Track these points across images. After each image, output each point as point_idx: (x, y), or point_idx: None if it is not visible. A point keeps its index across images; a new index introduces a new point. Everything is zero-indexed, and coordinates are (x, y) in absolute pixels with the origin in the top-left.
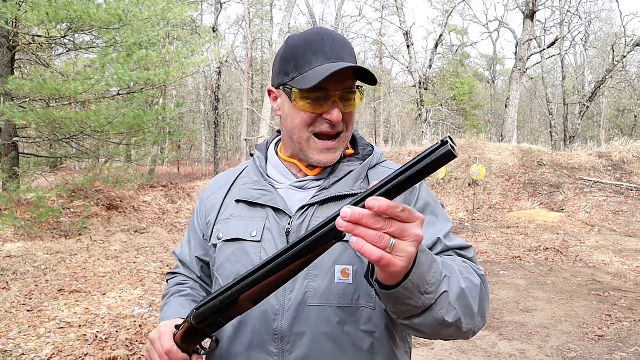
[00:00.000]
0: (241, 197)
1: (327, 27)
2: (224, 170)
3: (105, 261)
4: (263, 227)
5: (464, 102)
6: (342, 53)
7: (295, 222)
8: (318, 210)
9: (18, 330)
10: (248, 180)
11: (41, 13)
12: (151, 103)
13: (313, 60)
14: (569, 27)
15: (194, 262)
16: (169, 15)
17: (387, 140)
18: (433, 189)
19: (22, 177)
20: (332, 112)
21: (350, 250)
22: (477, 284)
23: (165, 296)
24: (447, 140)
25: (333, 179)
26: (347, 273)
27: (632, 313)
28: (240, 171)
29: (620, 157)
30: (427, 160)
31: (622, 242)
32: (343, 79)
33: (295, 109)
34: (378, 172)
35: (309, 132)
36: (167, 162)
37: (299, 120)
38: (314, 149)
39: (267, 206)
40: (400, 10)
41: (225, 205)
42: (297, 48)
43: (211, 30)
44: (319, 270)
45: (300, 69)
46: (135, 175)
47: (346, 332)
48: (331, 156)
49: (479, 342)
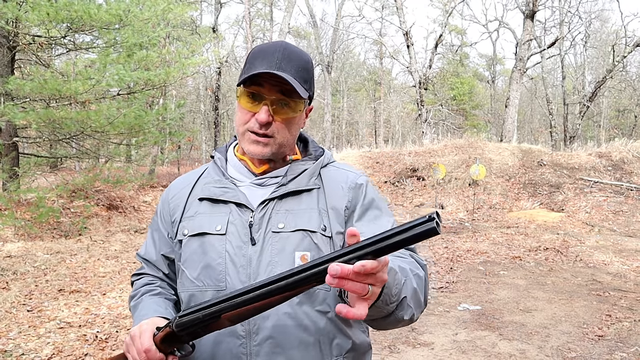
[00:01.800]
0: (204, 195)
1: (291, 43)
2: None
3: (105, 261)
4: (227, 222)
5: (464, 102)
6: (287, 65)
7: (257, 215)
8: (277, 204)
9: (18, 330)
10: (210, 180)
11: (42, 13)
12: (151, 103)
13: (257, 65)
14: (569, 27)
15: (160, 260)
16: (169, 16)
17: (387, 140)
18: (433, 189)
19: (22, 177)
20: (260, 113)
21: (308, 238)
22: (423, 277)
23: (133, 297)
24: (433, 216)
25: (290, 176)
26: (306, 258)
27: (632, 313)
28: (201, 172)
29: (620, 157)
30: (410, 232)
31: (622, 242)
32: (278, 85)
33: (239, 106)
34: (329, 170)
35: (244, 127)
36: (167, 162)
37: (239, 116)
38: (247, 140)
39: (229, 202)
40: (400, 10)
41: (189, 204)
42: (253, 54)
43: (211, 30)
44: (280, 257)
45: (247, 72)
46: (136, 175)
47: (304, 311)
48: (260, 149)
49: (479, 342)
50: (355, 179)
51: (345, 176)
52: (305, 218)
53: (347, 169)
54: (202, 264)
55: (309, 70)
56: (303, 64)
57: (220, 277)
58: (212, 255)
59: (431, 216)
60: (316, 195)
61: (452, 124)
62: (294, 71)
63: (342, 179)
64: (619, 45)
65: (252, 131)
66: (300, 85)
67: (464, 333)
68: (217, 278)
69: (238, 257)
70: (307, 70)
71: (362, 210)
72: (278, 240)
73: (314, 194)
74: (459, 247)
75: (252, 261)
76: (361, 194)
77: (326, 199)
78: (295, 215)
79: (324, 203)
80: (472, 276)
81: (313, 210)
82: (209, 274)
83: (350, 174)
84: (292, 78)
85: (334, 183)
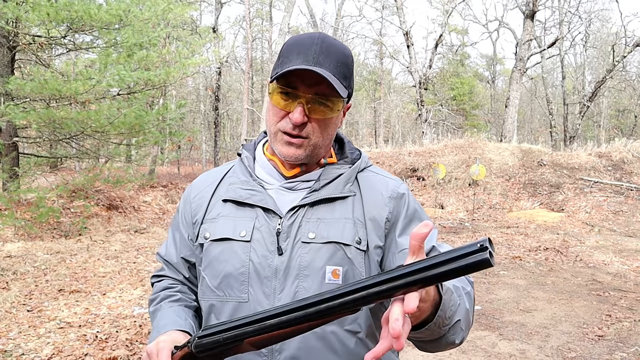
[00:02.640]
0: (229, 196)
1: (329, 35)
2: None
3: (105, 261)
4: (252, 227)
5: (464, 102)
6: (326, 60)
7: (285, 222)
8: (308, 211)
9: (18, 330)
10: (236, 180)
11: (42, 13)
12: (151, 103)
13: (293, 59)
14: (568, 27)
15: (180, 263)
16: (169, 16)
17: (387, 140)
18: (433, 189)
19: (23, 177)
20: (294, 113)
21: (341, 251)
22: (472, 295)
23: (153, 301)
24: (486, 245)
25: (323, 181)
26: (337, 274)
27: (632, 313)
28: (226, 170)
29: (620, 157)
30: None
31: (622, 242)
32: (316, 83)
33: (270, 104)
34: (366, 176)
35: (276, 127)
36: (167, 162)
37: (271, 114)
38: (280, 141)
39: (256, 206)
40: (400, 10)
41: (212, 205)
42: (288, 47)
43: (211, 30)
44: (310, 270)
45: (282, 66)
46: (136, 176)
47: (332, 331)
48: (293, 151)
49: (479, 342)
50: (397, 187)
51: (384, 184)
52: (338, 229)
53: (385, 175)
54: (223, 273)
55: (349, 65)
56: (343, 59)
57: (242, 288)
58: (234, 263)
59: (483, 245)
60: (351, 203)
61: (452, 124)
62: (332, 67)
63: (381, 186)
64: (619, 45)
65: (285, 132)
66: (339, 83)
67: None
68: (239, 289)
69: (263, 267)
70: (346, 66)
71: (405, 223)
72: (308, 251)
73: (349, 202)
74: None
75: (278, 273)
76: (404, 205)
77: (363, 208)
78: (328, 225)
79: (360, 213)
80: (472, 276)
81: (347, 220)
82: (231, 284)
83: (390, 182)
84: (331, 75)
85: (372, 191)
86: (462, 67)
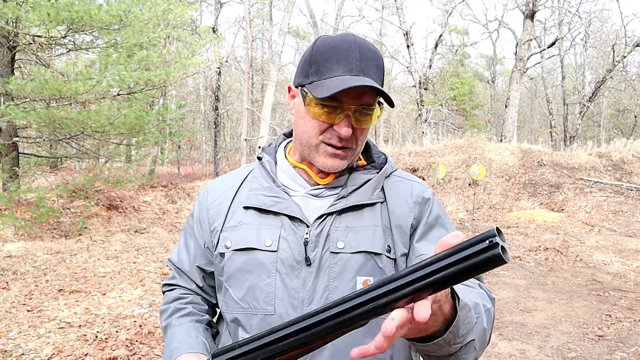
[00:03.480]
0: (252, 203)
1: (359, 36)
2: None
3: (105, 261)
4: (279, 236)
5: (464, 102)
6: (368, 67)
7: (313, 231)
8: (336, 219)
9: (18, 330)
10: (258, 186)
11: (42, 13)
12: (151, 103)
13: (334, 69)
14: (568, 27)
15: (194, 272)
16: (169, 17)
17: (387, 140)
18: (433, 189)
19: (23, 177)
20: (341, 126)
21: (372, 261)
22: (492, 313)
23: (164, 312)
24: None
25: (351, 187)
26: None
27: (632, 313)
28: (245, 175)
29: (620, 157)
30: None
31: (622, 242)
32: (361, 93)
33: (307, 114)
34: (392, 181)
35: (318, 139)
36: (167, 162)
37: (310, 126)
38: (323, 153)
39: (281, 214)
40: (400, 10)
41: (232, 212)
42: (322, 52)
43: (211, 31)
44: (340, 282)
45: (319, 75)
46: (136, 176)
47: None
48: (338, 162)
49: None
50: (422, 192)
51: (410, 189)
52: (368, 237)
53: (411, 179)
54: (248, 284)
55: (384, 67)
56: (380, 62)
57: (269, 300)
58: (260, 274)
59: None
60: (379, 210)
61: (452, 124)
62: (374, 74)
63: (407, 191)
64: (619, 45)
65: (330, 144)
66: (387, 92)
67: None
68: (265, 301)
69: (290, 278)
70: (383, 68)
71: (425, 229)
72: (337, 262)
73: (377, 208)
74: None
75: (306, 284)
76: (427, 210)
77: (389, 215)
78: (357, 234)
79: (387, 220)
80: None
81: (377, 228)
82: (256, 296)
83: (416, 185)
84: (379, 85)
85: (398, 197)
86: (462, 67)
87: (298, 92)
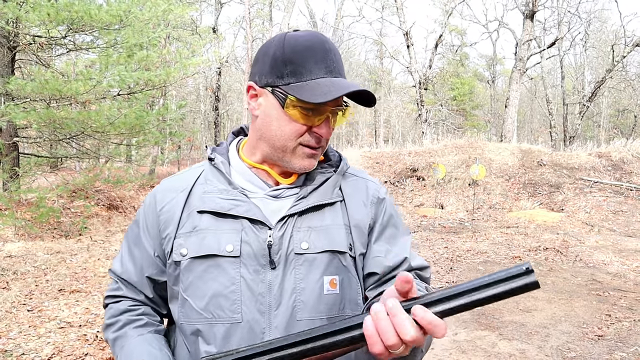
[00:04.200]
0: (208, 207)
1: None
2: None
3: (106, 261)
4: (240, 241)
5: (464, 102)
6: (340, 67)
7: (276, 233)
8: (298, 220)
9: (18, 330)
10: (213, 189)
11: (42, 13)
12: (152, 103)
13: (314, 70)
14: (568, 27)
15: (143, 283)
16: (169, 17)
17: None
18: (433, 189)
19: (23, 177)
20: (322, 127)
21: (336, 259)
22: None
23: (111, 325)
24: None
25: (310, 187)
26: (335, 283)
27: (632, 313)
28: (196, 177)
29: (620, 157)
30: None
31: (622, 242)
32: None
33: (285, 116)
34: (349, 180)
35: (296, 142)
36: (167, 162)
37: (289, 129)
38: (300, 155)
39: (241, 217)
40: (400, 10)
41: (185, 217)
42: (298, 52)
43: (211, 31)
44: (307, 283)
45: (298, 76)
46: (136, 176)
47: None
48: (312, 162)
49: (479, 342)
50: (377, 192)
51: (365, 188)
52: (331, 236)
53: (365, 177)
54: (210, 292)
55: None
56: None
57: (235, 308)
58: (222, 281)
59: (529, 268)
60: (340, 208)
61: (452, 124)
62: (344, 73)
63: (363, 191)
64: (619, 45)
65: (308, 145)
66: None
67: (463, 333)
68: (231, 309)
69: (256, 283)
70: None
71: (380, 229)
72: (302, 262)
73: (338, 207)
74: (459, 247)
75: (272, 288)
76: (382, 210)
77: (348, 214)
78: (320, 233)
79: (347, 218)
80: (472, 276)
81: (339, 227)
82: (220, 304)
83: (371, 185)
84: (358, 85)
85: (355, 196)
86: (462, 67)
87: (266, 93)
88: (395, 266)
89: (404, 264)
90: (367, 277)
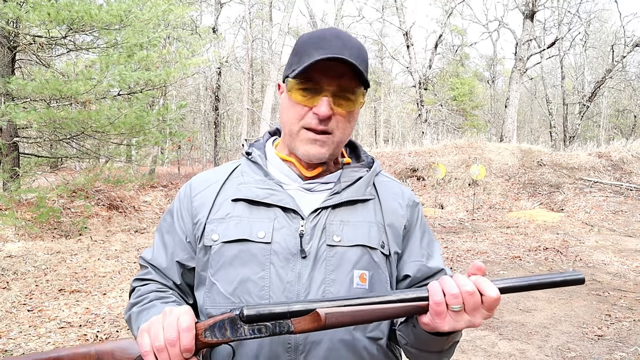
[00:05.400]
0: (242, 195)
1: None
2: None
3: (106, 261)
4: (272, 228)
5: (464, 102)
6: (347, 48)
7: (308, 224)
8: (331, 213)
9: (18, 330)
10: (249, 179)
11: (42, 13)
12: (152, 104)
13: (313, 53)
14: (568, 27)
15: (173, 268)
16: (169, 17)
17: (387, 140)
18: (433, 189)
19: (23, 177)
20: (320, 106)
21: (367, 255)
22: None
23: (138, 303)
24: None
25: (344, 183)
26: (365, 278)
27: (631, 313)
28: (230, 171)
29: (619, 157)
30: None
31: (622, 242)
32: (339, 75)
33: (290, 101)
34: (382, 181)
35: (299, 125)
36: (167, 162)
37: (292, 113)
38: (303, 140)
39: (274, 206)
40: (400, 10)
41: (218, 204)
42: (304, 42)
43: (211, 31)
44: (337, 275)
45: (300, 61)
46: (136, 176)
47: (357, 338)
48: (318, 149)
49: (479, 342)
50: (412, 196)
51: (400, 191)
52: (364, 232)
53: (398, 182)
54: (239, 277)
55: (366, 56)
56: (363, 50)
57: (263, 294)
58: (252, 267)
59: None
60: (372, 207)
61: (452, 124)
62: (354, 56)
63: (398, 193)
64: (619, 45)
65: (309, 128)
66: (363, 72)
67: (463, 333)
68: (259, 295)
69: (285, 271)
70: (365, 56)
71: (420, 233)
72: (334, 255)
73: (370, 205)
74: (459, 247)
75: (301, 277)
76: (417, 214)
77: (383, 213)
78: (352, 228)
79: (380, 217)
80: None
81: (372, 224)
82: (249, 289)
83: (405, 189)
84: (359, 66)
85: (389, 197)
86: (462, 67)
87: (284, 86)
88: (432, 274)
89: (439, 274)
90: (401, 279)
